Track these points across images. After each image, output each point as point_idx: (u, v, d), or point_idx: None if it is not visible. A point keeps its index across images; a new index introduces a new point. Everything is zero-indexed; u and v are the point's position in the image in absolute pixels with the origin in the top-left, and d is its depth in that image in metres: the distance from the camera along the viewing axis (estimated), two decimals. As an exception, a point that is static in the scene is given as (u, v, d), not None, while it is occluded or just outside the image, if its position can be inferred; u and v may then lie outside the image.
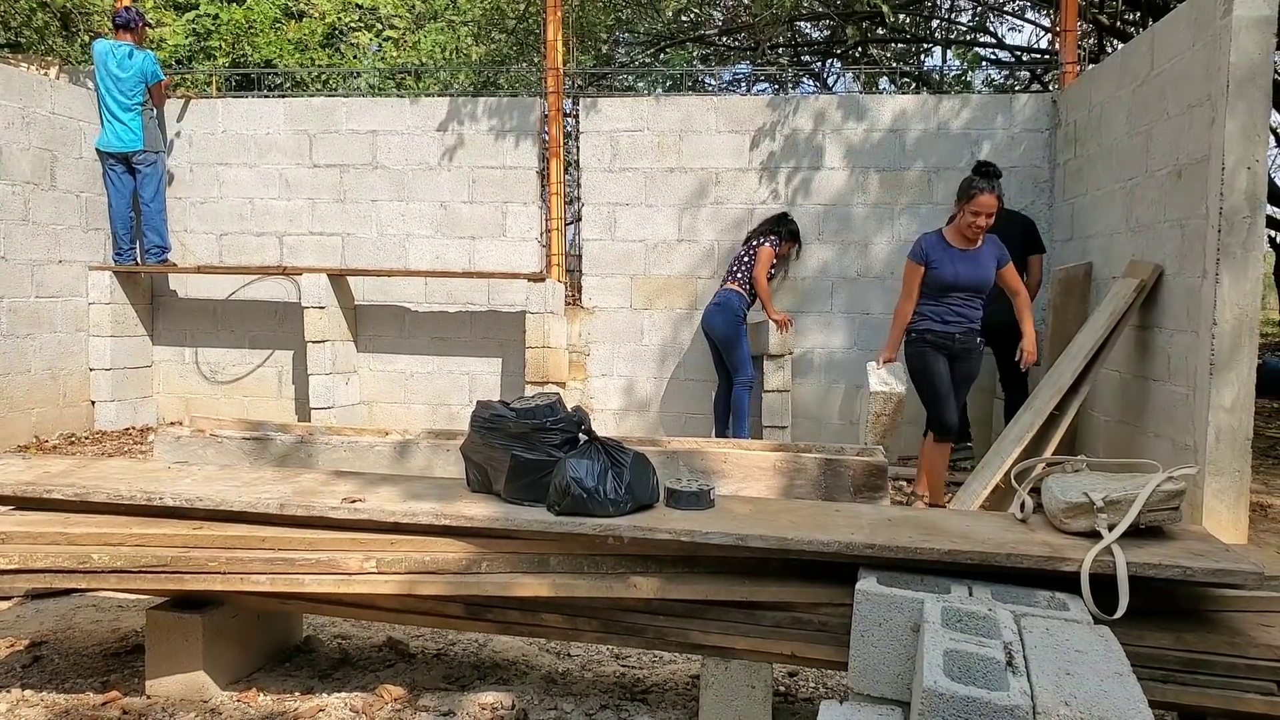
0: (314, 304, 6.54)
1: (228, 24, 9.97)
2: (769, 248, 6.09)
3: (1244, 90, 3.90)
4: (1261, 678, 2.04)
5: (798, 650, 2.28)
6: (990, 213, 4.46)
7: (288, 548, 2.43)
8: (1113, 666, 1.74)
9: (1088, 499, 2.22)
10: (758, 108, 6.66)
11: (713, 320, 6.06)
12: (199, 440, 4.79)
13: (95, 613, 3.31)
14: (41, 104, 6.47)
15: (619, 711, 2.53)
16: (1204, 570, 2.05)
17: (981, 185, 4.49)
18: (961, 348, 4.68)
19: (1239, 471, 3.97)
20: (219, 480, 2.69)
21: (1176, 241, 4.43)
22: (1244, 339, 3.96)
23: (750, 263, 6.09)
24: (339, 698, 2.59)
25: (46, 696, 2.61)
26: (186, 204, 7.20)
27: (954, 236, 4.64)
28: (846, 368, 6.64)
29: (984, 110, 6.43)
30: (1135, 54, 5.03)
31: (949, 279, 4.57)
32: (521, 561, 2.39)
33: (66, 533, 2.48)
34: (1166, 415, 4.49)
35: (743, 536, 2.24)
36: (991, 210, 4.46)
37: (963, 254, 4.60)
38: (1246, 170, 3.91)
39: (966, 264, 4.58)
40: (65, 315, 6.70)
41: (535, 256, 6.90)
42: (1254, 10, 3.89)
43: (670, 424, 6.81)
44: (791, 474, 4.38)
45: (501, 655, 2.94)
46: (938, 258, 4.61)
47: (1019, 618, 1.95)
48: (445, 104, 6.93)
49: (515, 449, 2.47)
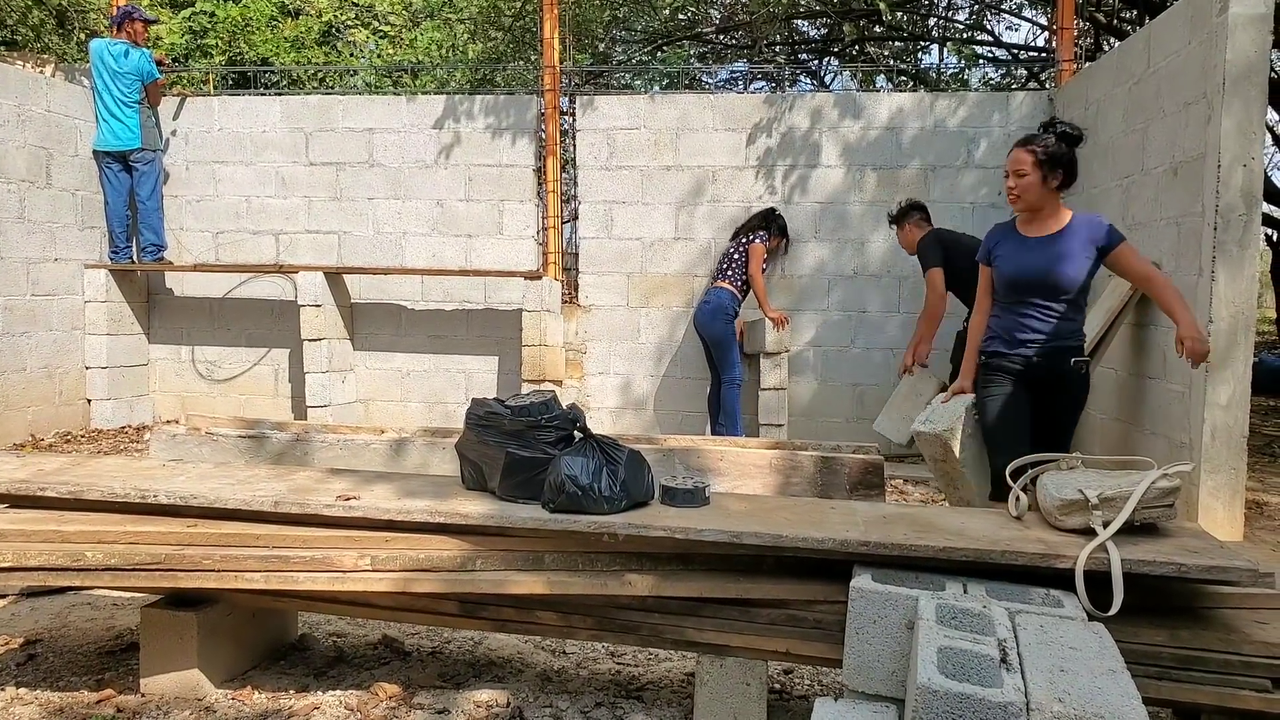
0: (310, 302, 6.53)
1: (224, 22, 9.96)
2: (760, 244, 6.08)
3: (1240, 88, 3.90)
4: (1256, 674, 2.04)
5: (793, 647, 2.28)
6: (1020, 170, 3.38)
7: (282, 545, 2.43)
8: (1107, 663, 1.74)
9: (1083, 496, 2.22)
10: (754, 106, 6.66)
11: (703, 319, 6.06)
12: (194, 438, 4.78)
13: (90, 610, 3.30)
14: (37, 102, 6.46)
15: (614, 709, 2.53)
16: (1199, 567, 2.05)
17: (1023, 138, 3.48)
18: (1045, 372, 3.41)
19: (1234, 469, 3.97)
20: (214, 478, 2.68)
21: (1173, 239, 4.43)
22: (1240, 336, 3.97)
23: (742, 261, 6.08)
24: (334, 695, 2.59)
25: (41, 694, 2.61)
26: (183, 202, 7.19)
27: (1023, 221, 3.53)
28: (843, 366, 6.64)
29: (980, 108, 6.43)
30: (1131, 51, 5.03)
31: (1008, 274, 3.44)
32: (516, 559, 2.39)
33: (61, 530, 2.47)
34: (1163, 413, 4.49)
35: (738, 534, 2.24)
36: (1021, 169, 3.38)
37: (1037, 241, 3.42)
38: (1242, 168, 3.92)
39: (1035, 253, 3.39)
40: (61, 313, 6.68)
41: (532, 254, 6.90)
42: (1250, 8, 3.89)
43: (667, 422, 6.81)
44: (787, 472, 4.38)
45: (497, 653, 2.94)
46: (1002, 250, 3.52)
47: (1014, 615, 1.95)
48: (442, 102, 6.92)
49: (510, 446, 2.47)
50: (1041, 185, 3.39)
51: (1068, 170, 3.40)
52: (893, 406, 5.51)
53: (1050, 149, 3.38)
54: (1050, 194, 3.41)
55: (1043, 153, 3.38)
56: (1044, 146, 3.39)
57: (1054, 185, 3.39)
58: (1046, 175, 3.38)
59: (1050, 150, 3.37)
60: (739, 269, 6.07)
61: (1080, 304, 3.43)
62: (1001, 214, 6.41)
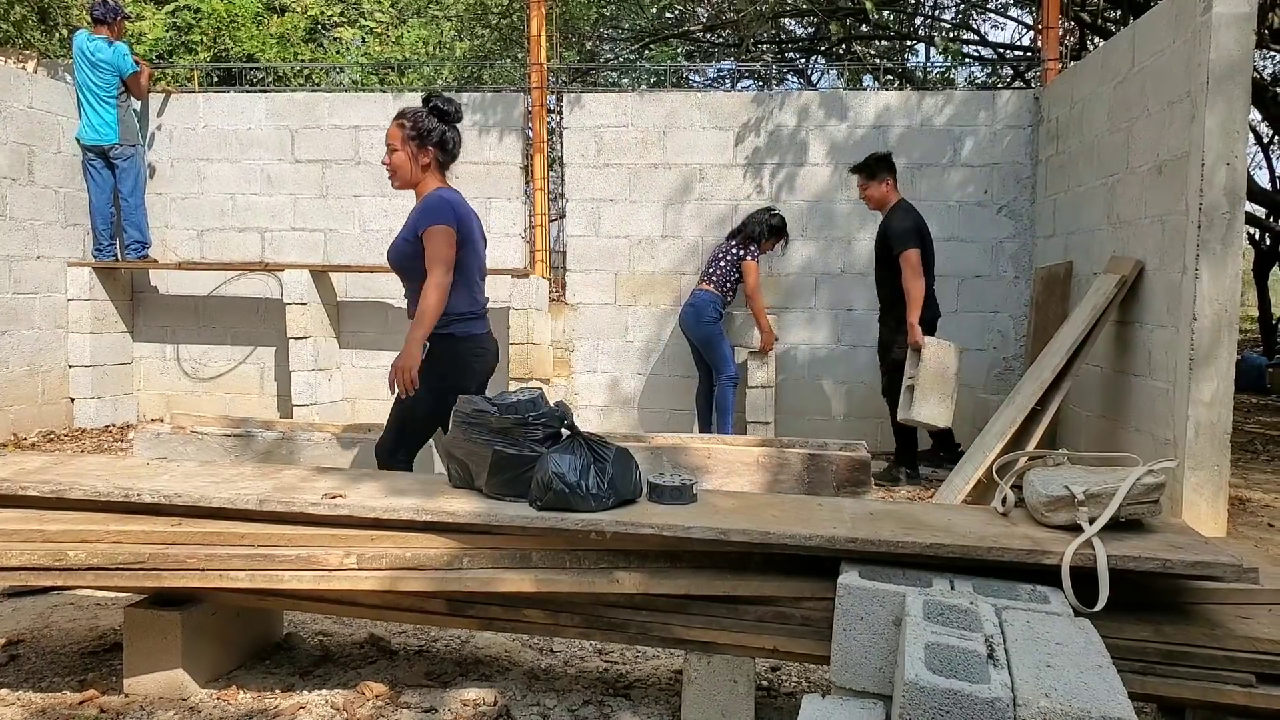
0: (296, 300, 6.50)
1: (209, 17, 9.89)
2: (752, 261, 5.94)
3: (1223, 87, 3.93)
4: (1240, 669, 2.05)
5: (780, 645, 2.27)
6: (391, 146, 3.33)
7: (267, 544, 2.41)
8: (1093, 659, 1.75)
9: (1069, 492, 2.23)
10: (742, 104, 6.66)
11: (688, 322, 6.04)
12: (179, 437, 4.75)
13: (73, 611, 3.27)
14: (19, 98, 6.40)
15: (602, 707, 2.53)
16: (1183, 563, 2.06)
17: (398, 113, 3.40)
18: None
19: (1218, 465, 4.00)
20: (198, 476, 2.66)
21: (1157, 237, 4.46)
22: (1223, 334, 3.99)
23: (727, 268, 5.97)
24: (320, 695, 2.57)
25: (23, 695, 2.58)
26: (167, 199, 7.14)
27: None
28: (830, 363, 6.65)
29: (967, 106, 6.45)
30: (1116, 50, 5.06)
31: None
32: (503, 557, 2.38)
33: (43, 530, 2.44)
34: (1147, 410, 4.52)
35: (725, 531, 2.24)
36: (392, 144, 3.32)
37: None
38: (1226, 166, 3.94)
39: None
40: (44, 312, 6.63)
41: (519, 252, 6.88)
42: (1233, 7, 3.91)
43: (655, 420, 6.81)
44: (776, 469, 4.40)
45: (484, 651, 2.93)
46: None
47: (1000, 611, 1.96)
48: (428, 99, 6.89)
49: (497, 444, 2.46)
50: (411, 162, 3.30)
51: (441, 147, 3.30)
52: (925, 391, 5.11)
53: (421, 124, 3.27)
54: (425, 171, 3.31)
55: (411, 128, 3.27)
56: (414, 120, 3.27)
57: (424, 163, 3.30)
58: (416, 152, 3.29)
59: (420, 125, 3.27)
60: (723, 272, 5.98)
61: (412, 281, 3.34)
62: (989, 212, 6.45)
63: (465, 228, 3.30)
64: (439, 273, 3.20)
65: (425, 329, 3.21)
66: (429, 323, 3.21)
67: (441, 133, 3.30)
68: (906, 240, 5.27)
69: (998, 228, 6.45)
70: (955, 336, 6.43)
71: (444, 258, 3.22)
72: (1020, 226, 6.43)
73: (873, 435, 6.42)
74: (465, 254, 3.32)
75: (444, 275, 3.22)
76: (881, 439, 6.54)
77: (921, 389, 5.11)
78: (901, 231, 5.31)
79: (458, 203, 3.32)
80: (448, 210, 3.25)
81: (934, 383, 5.11)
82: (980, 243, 6.47)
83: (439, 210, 3.24)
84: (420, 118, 3.28)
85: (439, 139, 3.29)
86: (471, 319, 3.40)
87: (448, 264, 3.23)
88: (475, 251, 3.40)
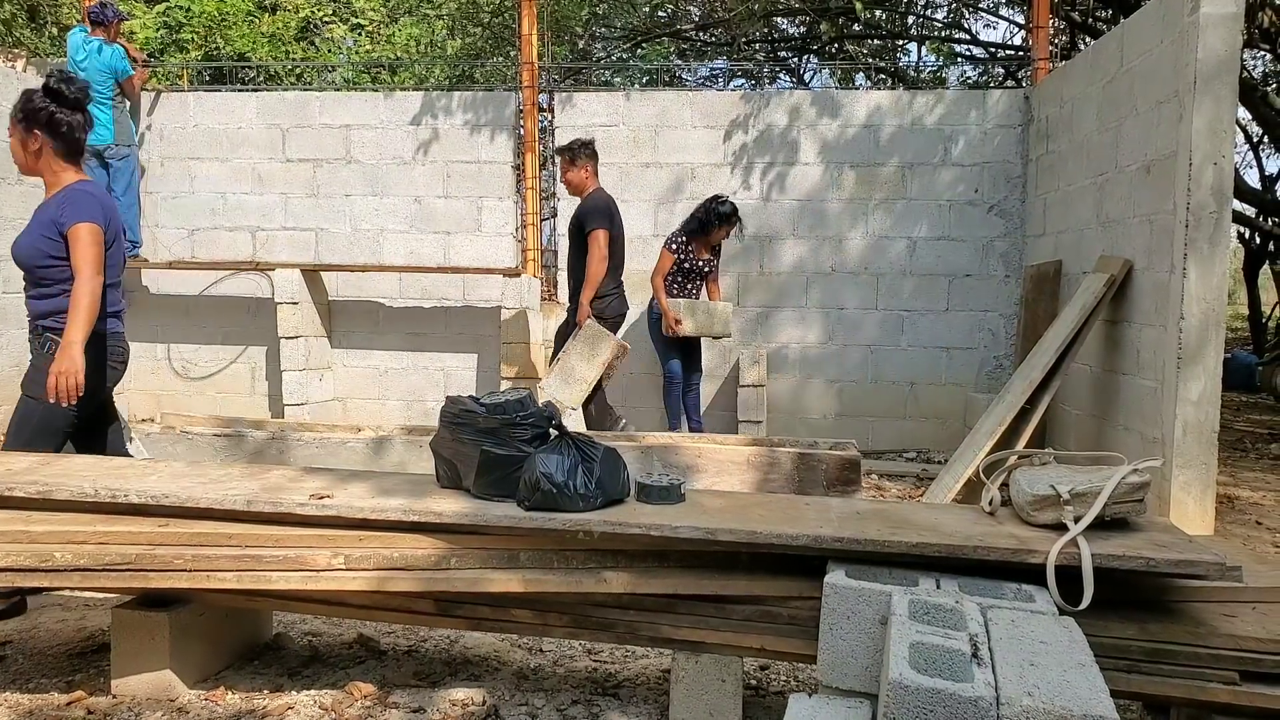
0: (287, 300, 6.49)
1: (200, 16, 9.86)
2: (668, 253, 5.74)
3: (1211, 87, 3.94)
4: (1224, 667, 2.06)
5: (768, 644, 2.28)
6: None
7: (255, 545, 2.41)
8: (1076, 657, 1.76)
9: (1055, 492, 2.24)
10: (733, 103, 6.67)
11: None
12: (169, 437, 4.74)
13: (60, 612, 3.26)
14: (8, 96, 6.37)
15: (590, 706, 2.53)
16: (1167, 561, 2.07)
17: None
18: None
19: (1205, 464, 4.01)
20: (186, 477, 2.66)
21: (1145, 237, 4.48)
22: (1211, 333, 4.01)
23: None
24: (308, 695, 2.57)
25: (10, 697, 2.58)
26: (158, 199, 7.11)
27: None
28: (821, 362, 6.66)
29: (958, 106, 6.47)
30: (1105, 50, 5.07)
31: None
32: (491, 557, 2.38)
33: (29, 530, 2.44)
34: (1136, 408, 4.53)
35: (712, 530, 2.24)
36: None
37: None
38: (1213, 166, 3.96)
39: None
40: (33, 311, 6.59)
41: (511, 252, 6.88)
42: (1221, 7, 3.93)
43: (645, 419, 6.80)
44: (766, 469, 4.40)
45: (473, 651, 2.93)
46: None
47: (985, 609, 1.97)
48: (419, 98, 6.88)
49: (485, 444, 2.45)
50: (21, 147, 2.98)
51: (51, 129, 2.96)
52: (561, 370, 5.13)
53: (28, 106, 2.93)
54: (44, 159, 2.99)
55: (20, 111, 2.94)
56: (24, 100, 2.94)
57: (34, 148, 2.97)
58: (24, 136, 2.96)
59: (29, 105, 2.93)
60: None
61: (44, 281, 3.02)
62: (980, 211, 6.46)
63: (115, 226, 3.08)
64: (90, 274, 2.94)
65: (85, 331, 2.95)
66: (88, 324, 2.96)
67: (50, 114, 2.92)
68: (598, 220, 5.22)
69: (988, 227, 6.47)
70: (946, 336, 6.48)
71: (94, 258, 2.94)
72: (1010, 225, 6.45)
73: (863, 434, 6.44)
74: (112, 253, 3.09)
75: (96, 276, 2.95)
76: (872, 438, 6.56)
77: (561, 367, 5.18)
78: (594, 211, 5.27)
79: (101, 195, 3.07)
80: (93, 206, 2.96)
81: (572, 365, 5.15)
82: (971, 242, 6.48)
83: (82, 206, 2.95)
84: (31, 96, 2.92)
85: (47, 120, 2.92)
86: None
87: (98, 264, 2.97)
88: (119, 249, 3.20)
